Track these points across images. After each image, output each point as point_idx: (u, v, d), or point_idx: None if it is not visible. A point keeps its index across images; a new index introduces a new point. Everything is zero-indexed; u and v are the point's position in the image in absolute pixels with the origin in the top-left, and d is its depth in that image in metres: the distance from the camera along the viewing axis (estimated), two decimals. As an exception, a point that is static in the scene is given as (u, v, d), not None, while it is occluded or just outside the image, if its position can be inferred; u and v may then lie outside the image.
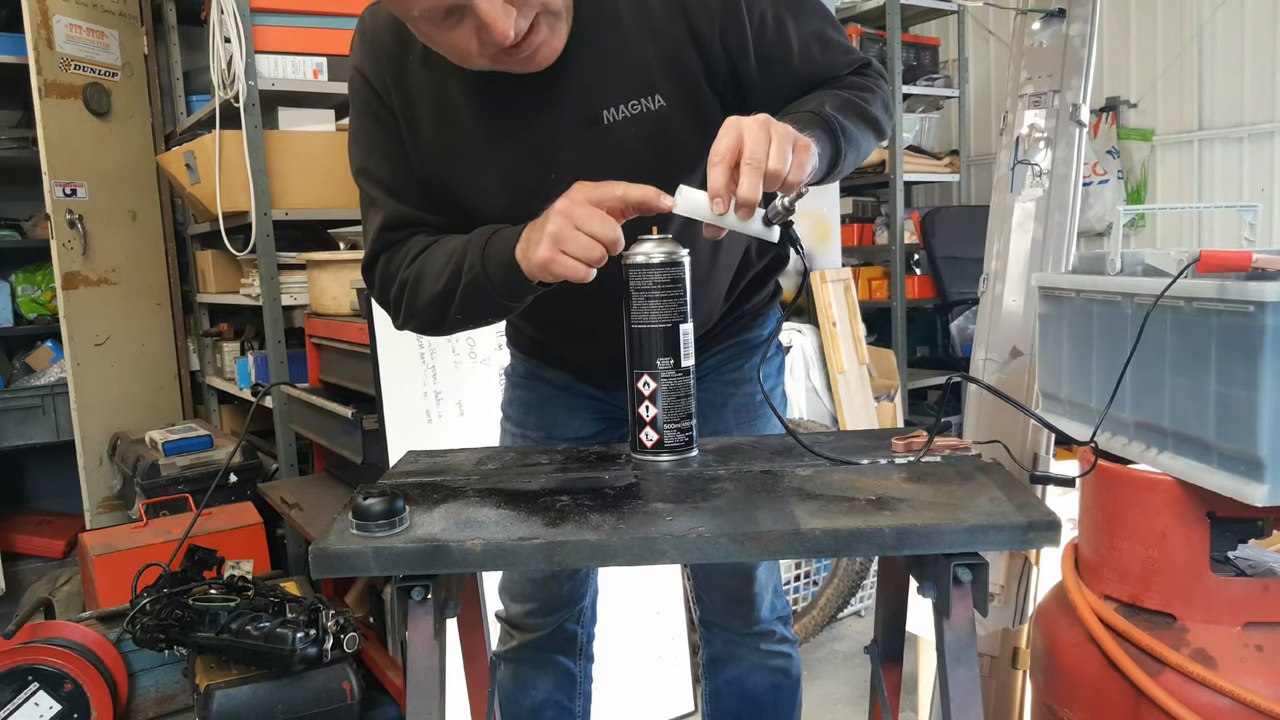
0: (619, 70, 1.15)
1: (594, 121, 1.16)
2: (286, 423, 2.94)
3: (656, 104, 1.15)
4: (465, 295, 1.14)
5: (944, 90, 4.54)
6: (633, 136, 1.16)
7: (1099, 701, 1.21)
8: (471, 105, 1.18)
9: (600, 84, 1.15)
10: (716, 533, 0.89)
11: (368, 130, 1.25)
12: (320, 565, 0.89)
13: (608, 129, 1.16)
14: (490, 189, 1.22)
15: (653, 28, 1.14)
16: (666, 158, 1.17)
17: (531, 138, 1.18)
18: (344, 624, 2.14)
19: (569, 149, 1.17)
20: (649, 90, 1.15)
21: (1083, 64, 1.70)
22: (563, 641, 1.53)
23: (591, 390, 1.44)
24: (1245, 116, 3.89)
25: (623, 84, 1.15)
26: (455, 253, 1.16)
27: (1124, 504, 1.23)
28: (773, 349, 1.47)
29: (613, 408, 1.45)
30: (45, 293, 3.94)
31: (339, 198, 2.97)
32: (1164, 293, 1.13)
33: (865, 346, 3.62)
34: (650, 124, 1.16)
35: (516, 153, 1.19)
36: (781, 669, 1.54)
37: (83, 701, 2.15)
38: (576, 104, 1.15)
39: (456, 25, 1.03)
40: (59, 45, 3.40)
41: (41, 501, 4.17)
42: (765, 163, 0.96)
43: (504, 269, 1.09)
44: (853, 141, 1.13)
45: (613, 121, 1.15)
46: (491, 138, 1.19)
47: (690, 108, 1.17)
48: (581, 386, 1.45)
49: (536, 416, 1.46)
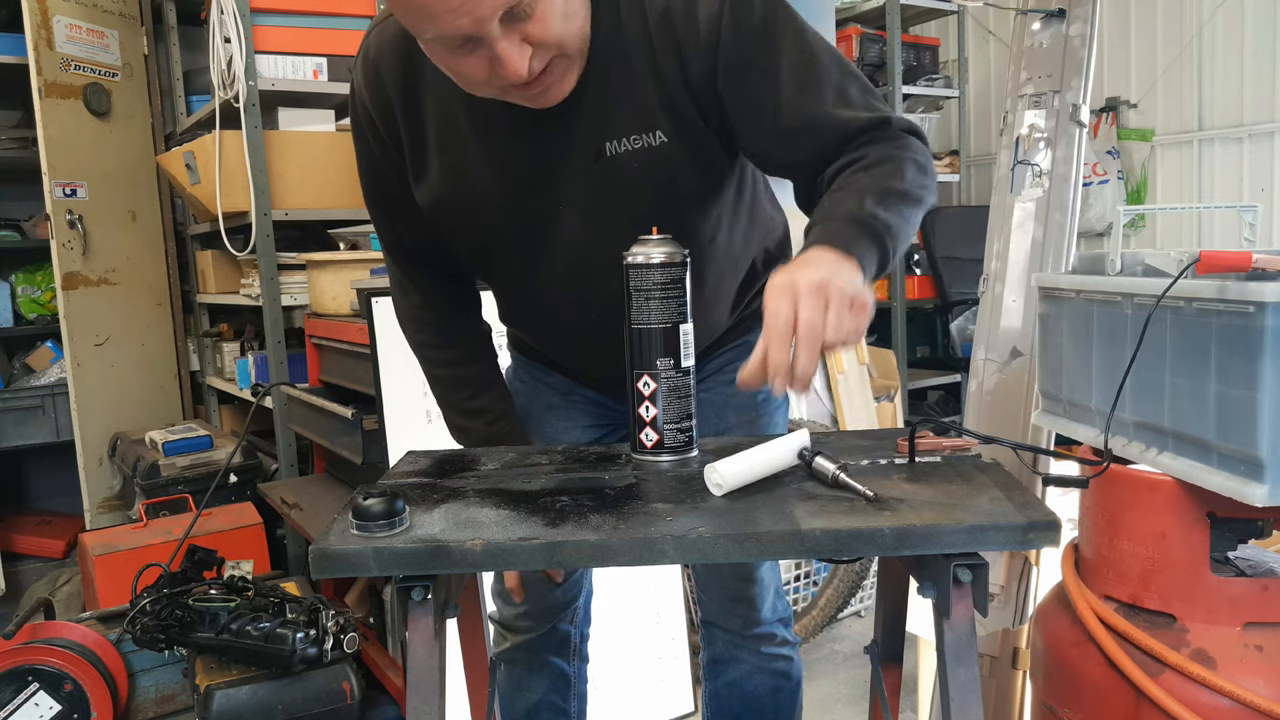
0: (623, 106, 1.16)
1: (598, 155, 1.17)
2: (286, 423, 2.94)
3: (658, 139, 1.17)
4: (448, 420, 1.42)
5: (944, 90, 4.54)
6: (635, 170, 1.18)
7: (1099, 701, 1.21)
8: (479, 132, 1.19)
9: (605, 118, 1.16)
10: (716, 533, 0.88)
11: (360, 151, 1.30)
12: (320, 565, 0.89)
13: (610, 161, 1.17)
14: (495, 217, 1.23)
15: (654, 67, 1.15)
16: (668, 190, 1.20)
17: (537, 168, 1.19)
18: (344, 624, 2.14)
19: (574, 180, 1.19)
20: (651, 126, 1.17)
21: (1083, 64, 1.70)
22: (556, 643, 1.53)
23: (593, 395, 1.45)
24: (1245, 116, 3.89)
25: (626, 119, 1.16)
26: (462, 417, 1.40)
27: (1124, 504, 1.23)
28: None
29: (613, 413, 1.45)
30: (45, 293, 3.94)
31: (339, 198, 2.98)
32: (1165, 293, 1.13)
33: (865, 346, 3.62)
34: (651, 158, 1.17)
35: (522, 182, 1.21)
36: (782, 671, 1.53)
37: (83, 702, 2.15)
38: (582, 137, 1.17)
39: (470, 54, 1.03)
40: (59, 45, 3.40)
41: (41, 501, 4.17)
42: (824, 334, 0.91)
43: None
44: (900, 235, 1.06)
45: (615, 154, 1.17)
46: (497, 165, 1.20)
47: (689, 144, 1.18)
48: (584, 391, 1.45)
49: (535, 425, 1.46)
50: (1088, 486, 1.21)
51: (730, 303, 1.38)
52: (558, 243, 1.23)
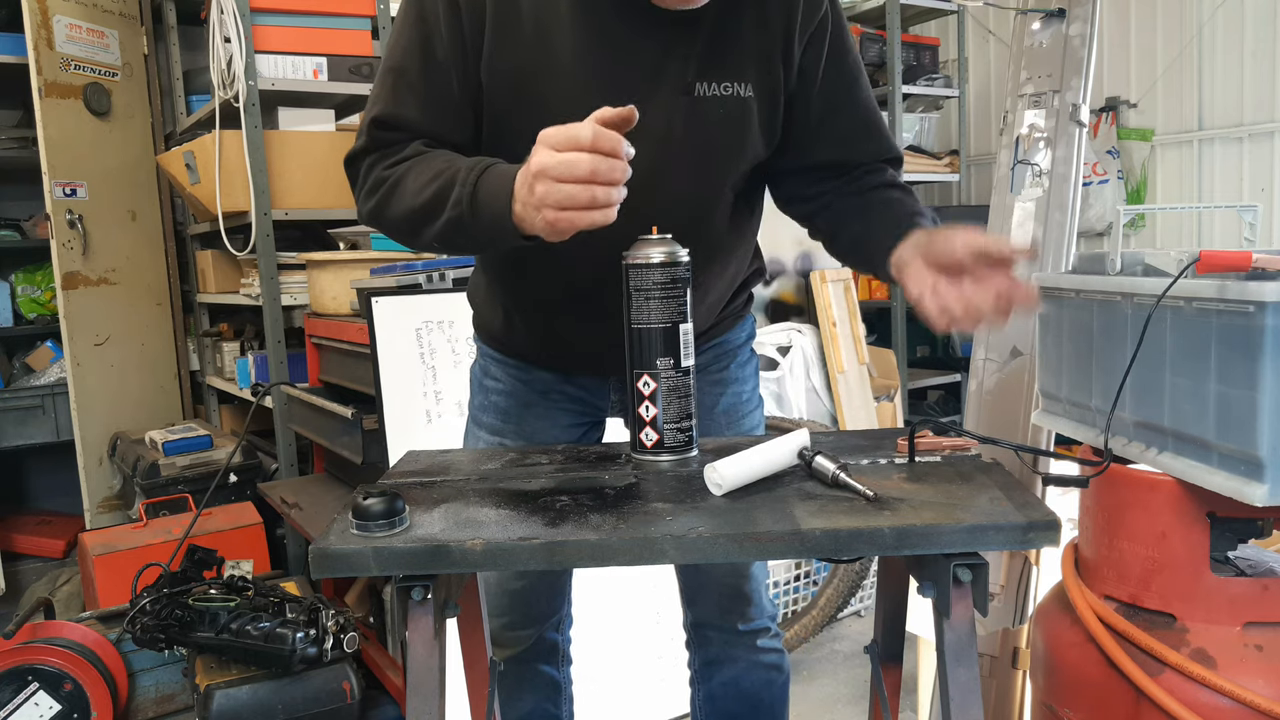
0: (723, 52, 1.20)
1: (687, 90, 1.20)
2: (286, 423, 2.94)
3: (746, 91, 1.21)
4: (446, 230, 1.10)
5: (944, 90, 4.54)
6: (714, 115, 1.21)
7: (1099, 701, 1.21)
8: (577, 32, 1.17)
9: (704, 57, 1.19)
10: (716, 533, 0.89)
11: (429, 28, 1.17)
12: (320, 565, 0.89)
13: (696, 101, 1.20)
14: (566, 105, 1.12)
15: (764, 23, 1.20)
16: (734, 144, 1.24)
17: (624, 87, 1.15)
18: (344, 624, 2.14)
19: (656, 108, 1.18)
20: (741, 77, 1.21)
21: (1083, 64, 1.70)
22: (545, 651, 1.52)
23: (573, 391, 1.40)
24: (1245, 116, 3.88)
25: (722, 65, 1.20)
26: (441, 179, 1.10)
27: (1124, 504, 1.23)
28: (749, 353, 1.50)
29: (593, 408, 1.43)
30: (45, 293, 3.94)
31: (339, 198, 2.98)
32: (1165, 293, 1.13)
33: (865, 346, 3.62)
34: (730, 112, 1.21)
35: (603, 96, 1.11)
36: (775, 664, 1.54)
37: (83, 701, 2.15)
38: (678, 68, 1.19)
39: None
40: (59, 45, 3.40)
41: (41, 501, 4.17)
42: None
43: (492, 222, 1.05)
44: None
45: (702, 95, 1.20)
46: (585, 70, 1.18)
47: (764, 107, 1.24)
48: (563, 388, 1.40)
49: (515, 424, 1.42)
50: (1087, 486, 1.21)
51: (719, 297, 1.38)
52: None
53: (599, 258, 1.15)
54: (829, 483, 1.01)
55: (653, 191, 1.14)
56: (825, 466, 1.02)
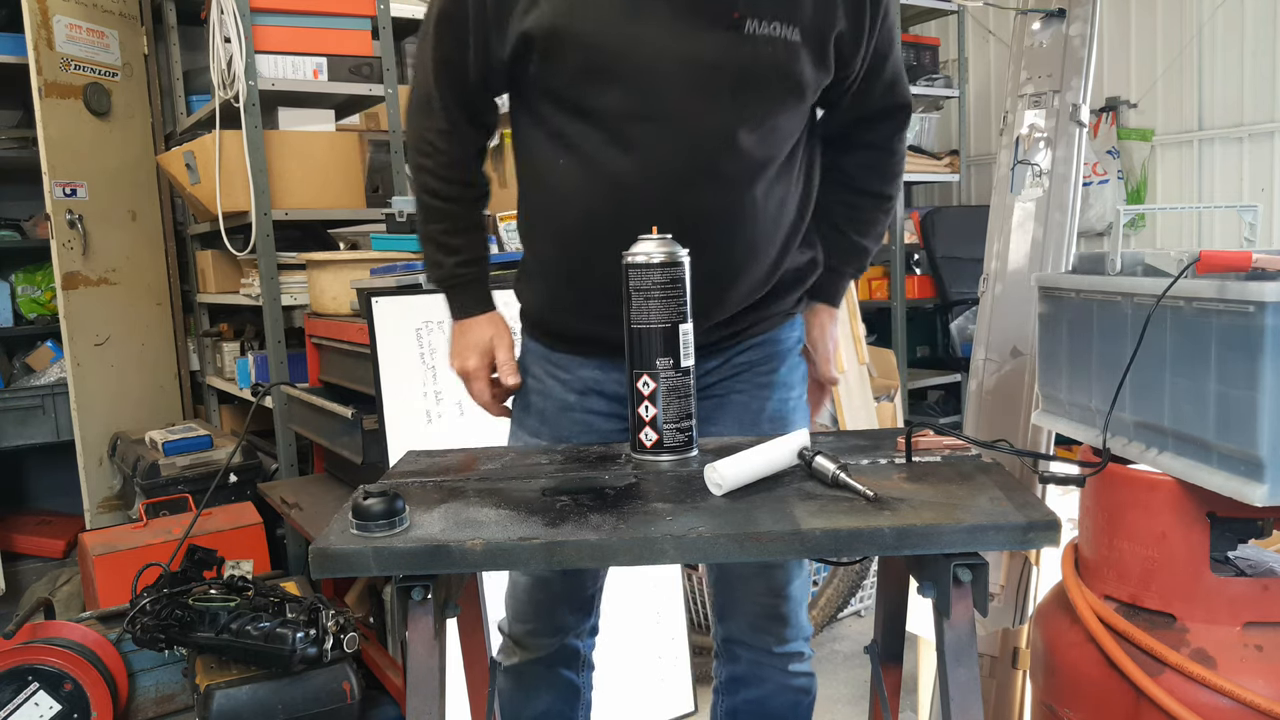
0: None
1: (736, 26, 1.19)
2: (286, 423, 2.93)
3: (793, 35, 1.21)
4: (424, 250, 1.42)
5: (944, 90, 4.54)
6: (759, 55, 1.20)
7: (1099, 701, 1.21)
8: None
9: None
10: (716, 533, 0.89)
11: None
12: (320, 565, 0.89)
13: (744, 38, 1.19)
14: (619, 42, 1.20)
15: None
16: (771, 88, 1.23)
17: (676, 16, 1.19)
18: (344, 624, 2.14)
19: (701, 41, 1.19)
20: (792, 20, 1.20)
21: (1083, 64, 1.70)
22: (566, 657, 1.50)
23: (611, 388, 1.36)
24: (1245, 116, 3.88)
25: (777, 4, 1.19)
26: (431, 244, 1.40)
27: (1124, 504, 1.23)
28: (799, 357, 1.45)
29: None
30: (45, 293, 3.94)
31: (339, 198, 2.98)
32: (1165, 293, 1.13)
33: (865, 346, 3.62)
34: (778, 51, 1.21)
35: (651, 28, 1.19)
36: (804, 688, 1.48)
37: (83, 701, 2.15)
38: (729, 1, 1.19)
39: None
40: (59, 45, 3.40)
41: (41, 501, 4.16)
42: None
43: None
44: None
45: (751, 33, 1.19)
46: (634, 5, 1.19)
47: (815, 54, 1.23)
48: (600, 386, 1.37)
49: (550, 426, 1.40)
50: (1084, 485, 1.21)
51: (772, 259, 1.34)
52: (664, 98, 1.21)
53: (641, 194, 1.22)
54: (829, 483, 1.01)
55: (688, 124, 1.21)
56: (825, 466, 1.02)
